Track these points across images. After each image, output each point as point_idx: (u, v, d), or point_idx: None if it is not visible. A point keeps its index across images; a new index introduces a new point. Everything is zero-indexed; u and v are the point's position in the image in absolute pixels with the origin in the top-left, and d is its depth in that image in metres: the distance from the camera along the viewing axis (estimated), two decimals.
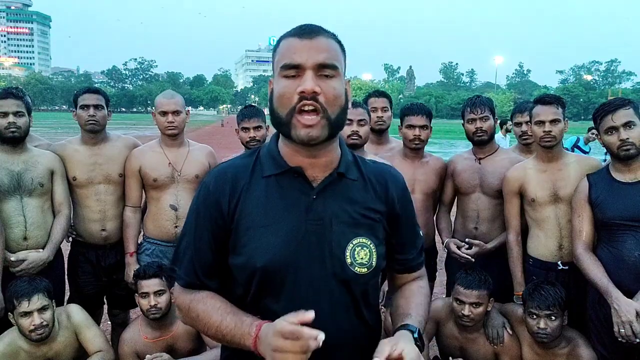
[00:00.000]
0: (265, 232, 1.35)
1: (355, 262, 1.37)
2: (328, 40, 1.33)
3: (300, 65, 1.28)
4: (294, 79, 1.29)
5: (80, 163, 3.34)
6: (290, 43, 1.32)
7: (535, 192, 2.99)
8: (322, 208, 1.37)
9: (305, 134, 1.29)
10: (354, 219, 1.40)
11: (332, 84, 1.30)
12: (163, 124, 3.33)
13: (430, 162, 3.47)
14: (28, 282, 2.80)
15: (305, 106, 1.28)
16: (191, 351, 3.03)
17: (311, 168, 1.39)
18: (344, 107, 1.35)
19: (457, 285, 2.92)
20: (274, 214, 1.37)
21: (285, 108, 1.30)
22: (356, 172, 1.46)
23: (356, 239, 1.38)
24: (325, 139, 1.32)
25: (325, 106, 1.29)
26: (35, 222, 3.11)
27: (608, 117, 2.64)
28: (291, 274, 1.35)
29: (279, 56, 1.34)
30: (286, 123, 1.31)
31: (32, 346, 2.82)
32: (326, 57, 1.30)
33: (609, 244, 2.67)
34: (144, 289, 2.92)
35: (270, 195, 1.38)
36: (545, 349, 2.83)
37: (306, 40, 1.30)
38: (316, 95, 1.27)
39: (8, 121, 2.99)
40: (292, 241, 1.35)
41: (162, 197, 3.37)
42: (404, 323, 1.41)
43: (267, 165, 1.42)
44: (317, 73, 1.29)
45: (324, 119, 1.29)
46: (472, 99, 3.37)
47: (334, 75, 1.31)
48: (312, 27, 1.34)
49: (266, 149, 1.46)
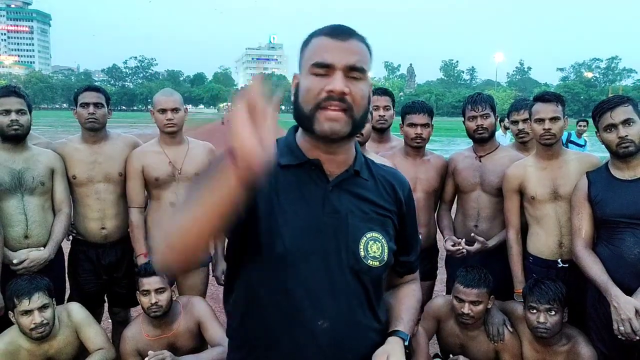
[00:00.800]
0: (283, 220, 1.35)
1: (369, 255, 1.39)
2: (359, 43, 1.34)
3: (331, 65, 1.29)
4: (322, 77, 1.30)
5: (80, 161, 3.35)
6: (323, 42, 1.33)
7: (535, 189, 2.99)
8: (337, 201, 1.40)
9: (328, 127, 1.30)
10: (366, 214, 1.43)
11: (359, 86, 1.32)
12: (162, 122, 3.33)
13: (431, 160, 3.46)
14: (28, 280, 2.80)
15: (332, 106, 1.29)
16: (192, 349, 3.04)
17: (328, 163, 1.41)
18: (367, 109, 1.38)
19: (456, 283, 2.92)
20: (292, 203, 1.38)
21: (310, 103, 1.31)
22: (367, 173, 1.49)
23: (369, 233, 1.41)
24: (345, 136, 1.34)
25: (352, 104, 1.30)
26: (36, 221, 3.11)
27: (607, 115, 2.64)
28: (307, 264, 1.35)
29: (310, 53, 1.34)
30: (309, 117, 1.32)
31: (33, 344, 2.82)
32: (357, 60, 1.31)
33: (608, 241, 2.67)
34: (144, 287, 2.92)
35: (288, 185, 1.39)
36: (545, 345, 2.83)
37: (339, 41, 1.31)
38: (344, 96, 1.29)
39: (10, 119, 3.00)
40: (310, 230, 1.36)
41: (163, 195, 3.37)
42: (396, 329, 1.46)
43: (284, 155, 1.42)
44: (346, 74, 1.30)
45: (349, 117, 1.31)
46: (473, 97, 3.36)
47: (362, 78, 1.33)
48: (346, 28, 1.35)
49: (283, 140, 1.47)
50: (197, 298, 3.20)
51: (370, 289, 1.42)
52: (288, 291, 1.35)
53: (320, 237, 1.36)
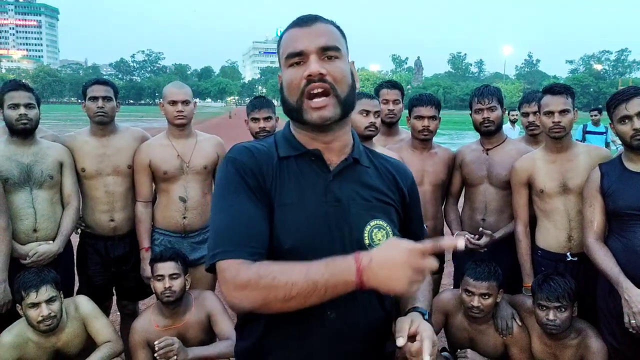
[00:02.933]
0: (289, 212, 1.36)
1: (373, 243, 1.38)
2: (327, 25, 1.39)
3: (303, 52, 1.33)
4: (299, 66, 1.34)
5: (89, 154, 3.35)
6: (292, 33, 1.38)
7: (544, 183, 2.96)
8: (339, 190, 1.40)
9: (317, 116, 1.33)
10: (369, 201, 1.42)
11: (337, 64, 1.35)
12: (172, 114, 3.32)
13: (439, 153, 3.44)
14: (36, 273, 2.81)
15: (314, 89, 1.31)
16: (202, 341, 3.05)
17: (327, 152, 1.42)
18: (352, 85, 1.39)
19: (466, 276, 2.91)
20: (295, 194, 1.38)
21: (294, 94, 1.35)
22: (368, 160, 1.50)
23: (373, 220, 1.40)
24: (338, 119, 1.36)
25: (335, 85, 1.33)
26: (45, 214, 3.12)
27: (622, 106, 2.60)
28: (315, 255, 1.33)
29: (283, 48, 1.39)
30: (297, 109, 1.35)
31: (41, 337, 2.83)
32: (327, 40, 1.34)
33: (620, 234, 2.64)
34: (159, 271, 2.95)
35: (290, 176, 1.40)
36: (555, 340, 2.82)
37: (305, 27, 1.36)
38: (323, 76, 1.31)
39: (19, 113, 3.00)
40: (314, 222, 1.36)
41: (172, 189, 3.37)
42: (414, 306, 1.44)
43: (283, 147, 1.44)
44: (320, 57, 1.33)
45: (334, 98, 1.34)
46: (480, 89, 3.34)
47: (337, 56, 1.36)
48: (309, 15, 1.40)
49: (280, 134, 1.49)
50: (208, 292, 3.22)
51: None
52: None
53: (324, 228, 1.36)
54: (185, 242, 3.40)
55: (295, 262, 1.23)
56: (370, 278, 1.16)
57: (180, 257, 3.04)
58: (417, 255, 1.14)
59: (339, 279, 1.17)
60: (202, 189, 3.41)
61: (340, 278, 1.17)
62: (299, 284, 1.19)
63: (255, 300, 1.23)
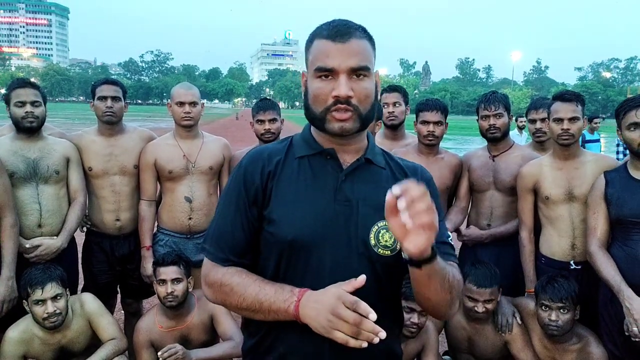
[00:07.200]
0: (295, 208, 1.40)
1: (379, 244, 1.40)
2: (360, 41, 1.38)
3: (334, 70, 1.35)
4: (328, 80, 1.37)
5: (97, 154, 3.37)
6: (324, 46, 1.37)
7: (550, 189, 2.96)
8: (350, 190, 1.42)
9: (338, 127, 1.37)
10: (380, 202, 1.39)
11: (364, 84, 1.37)
12: (179, 115, 3.35)
13: (445, 158, 3.43)
14: (42, 270, 2.83)
15: (339, 110, 1.36)
16: (205, 342, 3.06)
17: (342, 152, 1.46)
18: (374, 102, 1.43)
19: (468, 283, 2.89)
20: (305, 191, 1.42)
21: (320, 107, 1.39)
22: (384, 162, 1.53)
23: (382, 221, 1.39)
24: (356, 131, 1.40)
25: (358, 105, 1.37)
26: (50, 210, 3.14)
27: (632, 113, 2.60)
28: (317, 251, 1.38)
29: (313, 57, 1.40)
30: (321, 119, 1.40)
31: (47, 334, 2.86)
32: (359, 60, 1.35)
33: (623, 242, 2.64)
34: (161, 276, 2.96)
35: (302, 174, 1.45)
36: (556, 343, 2.82)
37: (339, 44, 1.35)
38: (350, 98, 1.35)
39: (26, 110, 3.02)
40: (320, 219, 1.39)
41: (177, 189, 3.39)
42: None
43: (300, 147, 1.50)
44: (350, 76, 1.35)
45: (356, 115, 1.37)
46: (487, 95, 3.33)
47: (366, 75, 1.37)
48: (345, 28, 1.37)
49: (299, 135, 1.54)
50: None
51: (383, 278, 1.43)
52: (299, 279, 1.37)
53: (330, 225, 1.39)
54: (190, 243, 3.41)
55: (257, 279, 1.39)
56: (303, 315, 1.28)
57: (183, 261, 3.03)
58: (341, 303, 1.21)
59: (280, 307, 1.31)
60: (207, 189, 3.43)
61: (282, 307, 1.31)
62: (248, 300, 1.36)
63: (216, 299, 1.47)
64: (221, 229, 1.48)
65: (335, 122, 1.37)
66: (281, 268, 1.42)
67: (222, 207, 1.51)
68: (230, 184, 1.51)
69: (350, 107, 1.35)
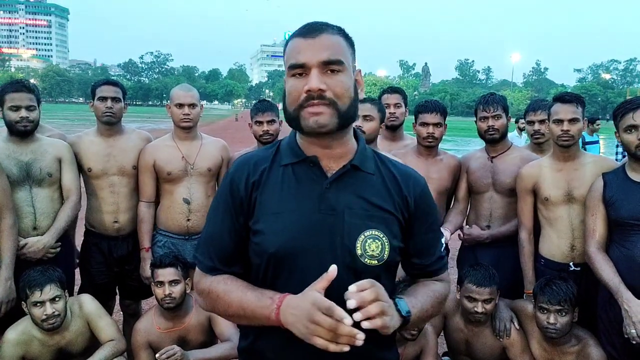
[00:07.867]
0: (278, 219, 1.39)
1: (366, 253, 1.37)
2: (331, 36, 1.36)
3: (305, 65, 1.33)
4: (301, 78, 1.35)
5: (96, 154, 3.37)
6: (296, 43, 1.37)
7: (549, 191, 2.96)
8: (334, 198, 1.39)
9: (313, 122, 1.33)
10: (366, 211, 1.40)
11: (339, 78, 1.34)
12: (178, 116, 3.35)
13: (444, 160, 3.43)
14: (41, 272, 2.82)
15: (312, 105, 1.33)
16: (203, 344, 3.06)
17: (326, 158, 1.43)
18: (354, 97, 1.39)
19: (467, 283, 2.91)
20: (288, 201, 1.40)
21: (293, 105, 1.36)
22: (374, 166, 1.48)
23: (368, 230, 1.38)
24: (335, 129, 1.36)
25: (334, 99, 1.33)
26: (44, 212, 3.12)
27: (629, 115, 2.60)
28: (302, 262, 1.36)
29: (287, 56, 1.39)
30: (295, 117, 1.37)
31: (45, 335, 2.85)
32: (330, 54, 1.33)
33: (621, 244, 2.64)
34: (159, 278, 2.96)
35: (286, 184, 1.42)
36: (555, 345, 2.82)
37: (310, 39, 1.35)
38: (322, 92, 1.32)
39: (20, 115, 2.99)
40: (304, 229, 1.37)
41: (175, 191, 3.39)
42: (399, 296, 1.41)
43: (285, 155, 1.46)
44: (322, 70, 1.33)
45: (333, 109, 1.33)
46: (485, 97, 3.34)
47: (340, 70, 1.35)
48: (316, 25, 1.38)
49: (286, 141, 1.51)
50: None
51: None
52: (285, 289, 1.34)
53: (314, 236, 1.36)
54: (188, 244, 3.41)
55: (241, 285, 1.41)
56: (284, 321, 1.28)
57: (180, 262, 3.03)
58: (316, 309, 1.20)
59: (262, 312, 1.32)
60: (205, 191, 3.43)
61: (263, 313, 1.32)
62: (232, 307, 1.39)
63: (207, 307, 1.49)
64: (210, 237, 1.50)
65: (310, 117, 1.33)
66: (268, 278, 1.41)
67: (211, 215, 1.52)
68: (218, 192, 1.52)
69: (325, 101, 1.32)
